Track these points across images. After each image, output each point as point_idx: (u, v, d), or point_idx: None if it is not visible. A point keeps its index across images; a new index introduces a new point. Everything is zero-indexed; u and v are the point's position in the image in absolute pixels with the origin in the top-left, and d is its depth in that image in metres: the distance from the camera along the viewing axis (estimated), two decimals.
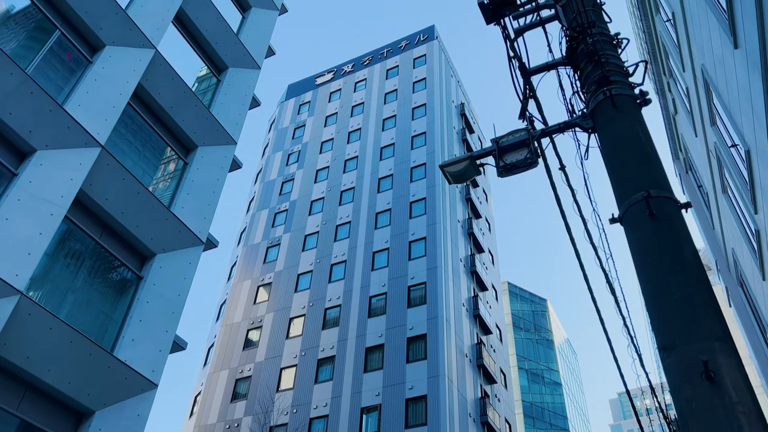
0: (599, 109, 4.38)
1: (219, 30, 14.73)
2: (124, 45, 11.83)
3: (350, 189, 38.93)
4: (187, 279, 11.49)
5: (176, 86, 12.66)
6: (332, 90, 48.61)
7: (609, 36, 4.85)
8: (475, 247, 37.92)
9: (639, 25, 18.18)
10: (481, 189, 44.41)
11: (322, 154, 43.19)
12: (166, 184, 12.64)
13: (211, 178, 13.12)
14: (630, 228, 3.68)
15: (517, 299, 62.50)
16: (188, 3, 14.01)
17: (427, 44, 46.45)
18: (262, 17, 17.00)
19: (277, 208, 41.21)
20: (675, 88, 16.60)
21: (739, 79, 8.35)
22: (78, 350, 8.94)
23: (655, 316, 3.17)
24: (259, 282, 37.02)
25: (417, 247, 32.86)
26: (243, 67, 15.45)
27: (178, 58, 13.55)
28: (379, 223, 35.53)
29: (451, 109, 43.34)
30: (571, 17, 4.93)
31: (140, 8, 12.42)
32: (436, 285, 30.26)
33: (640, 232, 3.57)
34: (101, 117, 10.59)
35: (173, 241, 11.51)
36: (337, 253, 35.30)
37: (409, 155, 38.36)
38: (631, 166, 3.92)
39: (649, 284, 3.30)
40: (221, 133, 13.64)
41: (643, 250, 3.48)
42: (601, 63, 4.49)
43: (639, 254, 3.50)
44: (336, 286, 33.60)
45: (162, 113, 12.67)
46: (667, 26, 14.50)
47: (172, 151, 12.88)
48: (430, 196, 34.82)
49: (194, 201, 12.40)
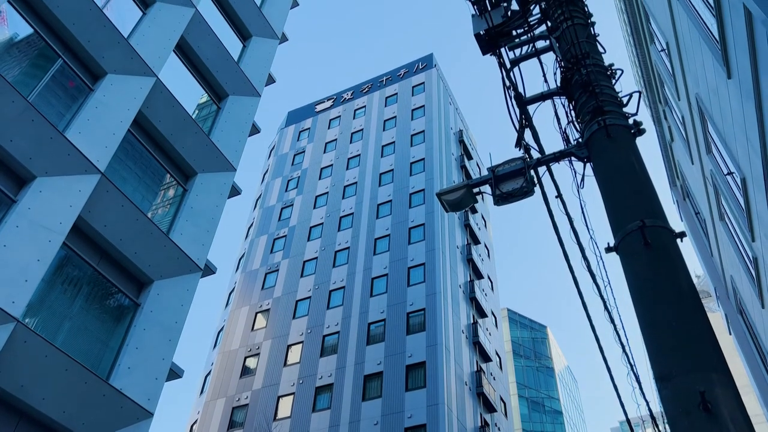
0: (594, 139, 4.42)
1: (220, 58, 14.91)
2: (126, 73, 11.97)
3: (349, 215, 38.98)
4: (185, 306, 11.43)
5: (176, 113, 12.77)
6: (332, 117, 48.99)
7: (603, 67, 4.92)
8: (474, 274, 37.82)
9: (634, 53, 18.44)
10: (480, 215, 44.47)
11: (322, 180, 43.35)
12: (165, 210, 12.66)
13: (210, 205, 13.15)
14: (625, 257, 3.69)
15: (517, 326, 62.11)
16: (190, 32, 14.21)
17: (426, 72, 46.99)
18: (263, 46, 17.23)
19: (276, 233, 41.19)
20: (671, 116, 16.77)
21: (733, 108, 8.45)
22: (73, 378, 8.86)
23: (652, 346, 3.16)
24: (257, 308, 36.80)
25: (416, 273, 32.77)
26: (243, 94, 15.60)
27: (179, 86, 13.70)
28: (378, 248, 35.48)
29: (449, 136, 43.65)
30: (565, 48, 5.01)
31: (142, 37, 12.60)
32: (436, 311, 30.10)
33: (635, 261, 3.58)
34: (101, 144, 10.66)
35: (171, 267, 11.48)
36: (336, 279, 35.18)
37: (408, 181, 38.51)
38: (626, 195, 3.95)
39: (645, 314, 3.30)
40: (221, 160, 13.71)
41: (639, 279, 3.48)
42: (596, 93, 4.55)
43: (635, 284, 3.50)
44: (334, 313, 33.41)
45: (162, 140, 12.75)
46: (662, 56, 14.71)
47: (172, 177, 12.93)
48: (429, 222, 34.85)
49: (193, 227, 12.41)
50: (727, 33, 7.72)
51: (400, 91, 46.93)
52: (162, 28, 13.20)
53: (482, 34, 5.38)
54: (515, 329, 61.50)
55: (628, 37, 18.64)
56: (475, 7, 5.54)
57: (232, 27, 16.51)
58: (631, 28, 17.45)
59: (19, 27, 10.56)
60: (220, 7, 16.17)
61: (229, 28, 16.36)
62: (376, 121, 45.37)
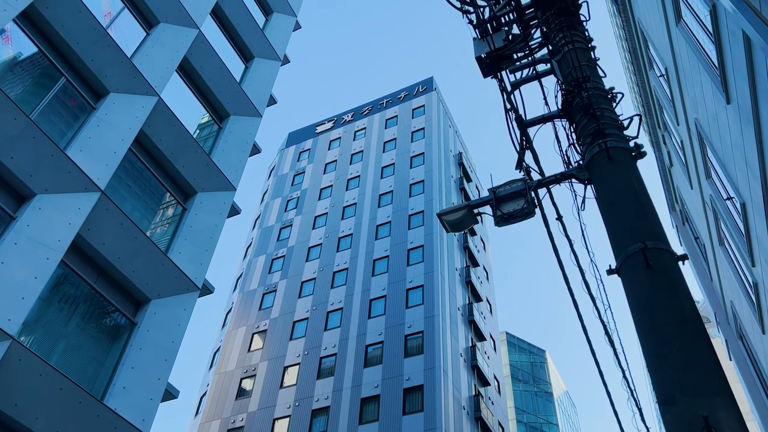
0: (595, 161, 4.44)
1: (222, 79, 15.03)
2: (128, 92, 12.05)
3: (348, 236, 38.96)
4: (182, 325, 11.36)
5: (178, 133, 12.84)
6: (332, 138, 49.25)
7: (604, 90, 4.96)
8: (473, 296, 37.69)
9: (633, 79, 18.61)
10: (479, 237, 44.46)
11: (321, 200, 43.41)
12: (164, 229, 12.66)
13: (210, 224, 13.15)
14: (627, 280, 3.68)
15: (516, 350, 61.70)
16: (192, 53, 14.35)
17: (426, 95, 47.39)
18: (265, 67, 17.39)
19: (275, 254, 41.12)
20: (670, 141, 16.87)
21: (733, 133, 8.51)
22: (67, 398, 8.76)
23: (654, 370, 3.14)
24: (254, 329, 36.57)
25: (414, 295, 32.64)
26: (244, 115, 15.70)
27: (181, 106, 13.79)
28: (376, 270, 35.39)
29: (449, 158, 43.87)
30: (566, 71, 5.06)
31: (145, 57, 12.71)
32: (434, 334, 29.92)
33: (637, 284, 3.57)
34: (102, 162, 10.69)
35: (169, 286, 11.44)
36: (334, 300, 35.02)
37: (408, 203, 38.57)
38: (627, 217, 3.95)
39: (647, 337, 3.28)
40: (221, 180, 13.74)
41: (641, 302, 3.47)
42: (596, 116, 4.58)
43: (636, 306, 3.49)
44: (332, 335, 33.20)
45: (163, 159, 12.79)
46: (661, 81, 14.85)
47: (172, 196, 12.95)
48: (428, 243, 34.83)
49: (191, 247, 12.39)
50: (726, 59, 7.81)
51: (400, 113, 47.26)
52: (165, 49, 13.33)
53: (483, 57, 5.43)
54: (514, 353, 61.08)
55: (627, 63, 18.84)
56: (477, 30, 5.60)
57: (235, 48, 16.68)
58: (630, 54, 17.65)
59: (23, 45, 10.67)
60: (224, 29, 16.36)
61: (232, 50, 16.52)
62: (376, 143, 45.61)
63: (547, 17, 5.47)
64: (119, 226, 10.64)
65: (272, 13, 18.94)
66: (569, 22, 5.31)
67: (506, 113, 5.29)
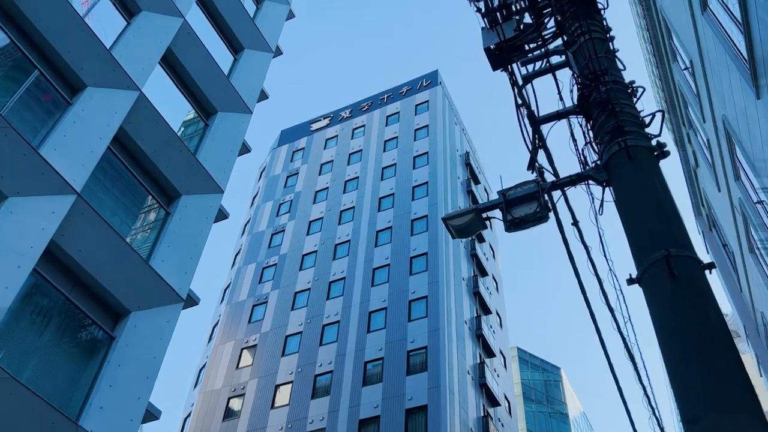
0: (614, 161, 4.45)
1: (209, 72, 15.07)
2: (107, 86, 12.08)
3: (345, 242, 38.96)
4: (164, 340, 11.36)
5: (160, 130, 12.86)
6: (328, 136, 49.32)
7: (623, 84, 4.98)
8: (482, 308, 37.67)
9: (655, 72, 18.66)
10: (488, 244, 44.45)
11: (316, 204, 43.45)
12: (145, 235, 12.67)
13: (195, 230, 13.16)
14: (649, 290, 3.69)
15: (528, 367, 61.59)
16: (177, 44, 14.39)
17: (430, 90, 47.48)
18: (256, 60, 17.43)
19: (266, 262, 41.11)
20: (695, 140, 16.89)
21: (763, 131, 8.52)
22: (39, 419, 8.75)
23: (678, 386, 3.14)
24: (242, 344, 36.53)
25: (417, 307, 32.62)
26: (233, 111, 15.73)
27: (164, 101, 13.82)
28: (376, 279, 35.38)
29: (455, 158, 43.92)
30: (582, 64, 5.08)
31: (125, 48, 12.75)
32: (439, 350, 29.88)
33: (660, 294, 3.57)
34: (78, 162, 10.71)
35: (150, 297, 11.44)
36: (330, 312, 35.00)
37: (410, 207, 38.59)
38: (649, 222, 3.96)
39: (671, 351, 3.28)
40: (207, 181, 13.76)
41: (664, 313, 3.48)
42: (615, 112, 4.60)
43: (659, 318, 3.50)
44: (328, 350, 33.16)
45: (144, 159, 12.82)
46: (685, 75, 14.89)
47: (154, 199, 12.97)
48: (432, 251, 34.83)
49: (175, 254, 12.40)
50: (755, 50, 7.83)
51: (402, 109, 47.35)
52: (147, 39, 13.37)
53: (493, 49, 5.46)
54: (526, 370, 60.97)
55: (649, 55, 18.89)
56: (485, 19, 5.63)
57: (223, 39, 16.73)
58: (652, 45, 17.69)
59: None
60: (211, 18, 16.41)
61: (220, 40, 16.57)
62: (376, 142, 45.67)
63: (562, 5, 5.50)
64: (97, 231, 10.66)
65: (263, 1, 19.01)
66: (586, 10, 5.33)
67: (517, 109, 5.31)
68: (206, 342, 39.80)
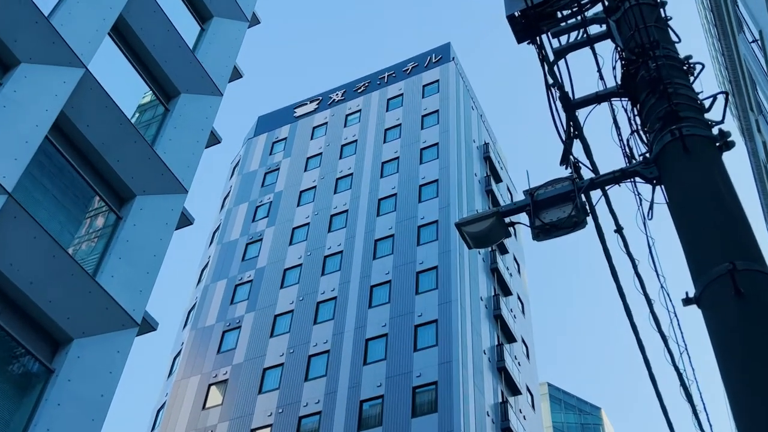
0: (666, 154, 4.45)
1: (170, 45, 15.08)
2: (45, 63, 12.09)
3: (337, 253, 38.94)
4: (114, 373, 11.33)
5: (111, 116, 12.86)
6: (316, 123, 49.37)
7: (678, 59, 4.98)
8: (504, 335, 37.62)
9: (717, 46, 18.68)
10: (512, 256, 44.45)
11: (301, 206, 43.45)
12: (91, 244, 12.64)
13: (153, 238, 13.15)
14: (710, 311, 3.68)
15: (561, 407, 61.51)
16: (130, 10, 14.41)
17: (441, 67, 47.53)
18: (227, 30, 17.45)
19: (239, 278, 41.10)
20: (766, 128, 16.90)
21: None
22: None
23: (745, 426, 3.13)
24: (210, 378, 36.48)
25: (425, 334, 32.58)
26: (200, 92, 15.74)
27: (115, 81, 13.82)
28: (375, 299, 35.35)
29: (471, 150, 43.95)
30: (628, 35, 5.08)
31: (68, 16, 12.77)
32: (451, 386, 29.83)
33: (723, 316, 3.57)
34: (10, 155, 10.70)
35: (97, 321, 11.42)
36: (318, 339, 34.96)
37: (416, 210, 38.59)
38: (710, 229, 3.95)
39: (736, 384, 3.27)
40: (168, 179, 13.76)
41: (728, 339, 3.47)
42: (668, 94, 4.60)
43: (722, 345, 3.49)
44: (314, 386, 33.10)
45: (90, 151, 12.81)
46: (754, 49, 14.90)
47: (102, 201, 12.96)
48: (444, 264, 34.81)
49: (128, 268, 12.38)
50: None
51: (406, 90, 47.39)
52: (94, 5, 13.39)
53: (518, 17, 5.46)
54: (559, 411, 60.88)
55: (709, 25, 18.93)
56: None
57: (187, 4, 16.76)
58: (713, 13, 17.72)
59: None
60: None
61: (183, 6, 16.60)
62: (375, 130, 45.71)
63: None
64: (31, 240, 10.64)
65: None
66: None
67: (548, 90, 5.31)
68: (165, 376, 39.75)
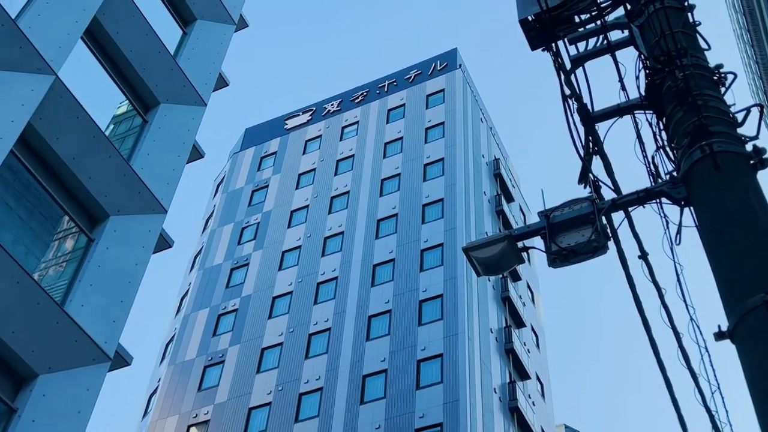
0: (695, 172, 4.46)
1: (149, 50, 15.13)
2: (11, 69, 12.12)
3: (331, 280, 38.85)
4: (83, 413, 11.27)
5: (83, 129, 12.88)
6: (309, 137, 49.45)
7: (707, 69, 5.01)
8: (517, 371, 37.46)
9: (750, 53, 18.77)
10: (525, 284, 44.36)
11: (292, 228, 43.41)
12: (59, 269, 12.61)
13: (127, 263, 13.12)
14: (745, 347, 3.67)
15: None
16: (105, 13, 14.46)
17: (447, 75, 47.70)
18: (212, 34, 17.52)
19: (223, 307, 40.97)
20: None
21: None
22: None
23: None
24: (190, 419, 36.28)
25: (429, 369, 32.44)
26: (181, 102, 15.77)
27: (88, 89, 13.85)
28: (373, 331, 35.22)
29: (480, 166, 44.00)
30: (652, 42, 5.11)
31: (36, 18, 12.81)
32: (458, 428, 29.66)
33: (759, 351, 3.56)
34: None
35: (65, 355, 11.37)
36: (309, 376, 34.80)
37: (419, 232, 38.56)
38: (745, 256, 3.95)
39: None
40: (145, 198, 13.76)
41: (765, 377, 3.45)
42: (697, 106, 4.61)
43: (758, 384, 3.47)
44: (306, 427, 32.92)
45: (60, 167, 12.81)
46: None
47: (72, 221, 12.95)
48: (450, 292, 34.72)
49: (100, 296, 12.34)
50: None
51: (408, 100, 47.51)
52: (65, 6, 13.45)
53: (531, 20, 5.48)
54: None
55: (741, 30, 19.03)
56: None
57: (168, 6, 16.84)
58: (746, 17, 17.83)
59: None
60: None
61: (164, 8, 16.68)
62: (374, 144, 45.77)
63: None
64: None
65: None
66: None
67: (564, 102, 5.33)
68: (140, 416, 39.52)
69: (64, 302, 11.94)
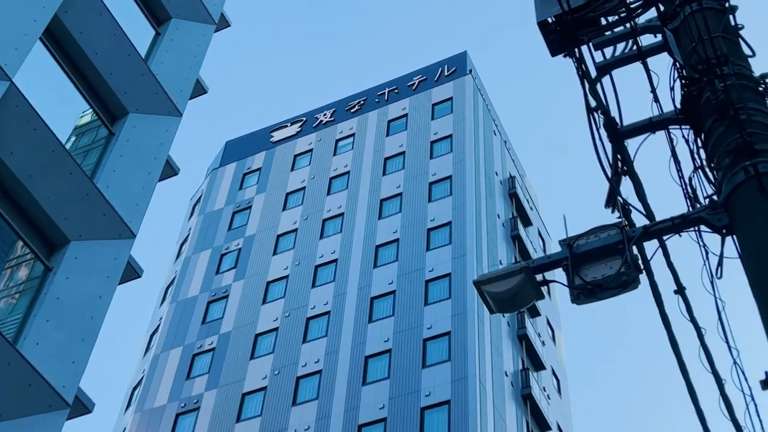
0: (738, 196, 4.46)
1: (116, 53, 15.17)
2: None
3: (323, 314, 38.76)
4: None
5: (40, 141, 12.89)
6: (298, 151, 49.49)
7: (752, 78, 5.02)
8: (535, 421, 37.31)
9: None
10: (545, 320, 44.25)
11: (278, 255, 43.34)
12: (11, 302, 12.58)
13: (90, 295, 13.09)
14: None
15: None
16: (68, 10, 14.51)
17: (455, 81, 47.78)
18: (189, 35, 17.57)
19: (198, 345, 40.83)
20: None
21: None
22: None
23: None
24: None
25: (435, 418, 32.32)
26: (153, 112, 15.79)
27: (47, 97, 13.88)
28: (371, 374, 35.11)
29: (493, 185, 44.00)
30: (689, 48, 5.13)
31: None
32: None
33: None
34: None
35: (17, 401, 11.34)
36: (298, 424, 34.64)
37: (423, 260, 38.50)
38: None
39: None
40: (111, 220, 13.75)
41: None
42: (740, 121, 4.63)
43: None
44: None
45: (14, 185, 12.82)
46: None
47: (27, 247, 12.94)
48: (459, 329, 34.63)
49: (58, 333, 12.31)
50: None
51: (412, 110, 47.58)
52: (23, 4, 13.50)
53: (552, 23, 5.51)
54: None
55: None
56: None
57: (140, 4, 16.91)
58: None
59: None
60: None
61: (135, 6, 16.74)
62: (372, 160, 45.79)
63: None
64: None
65: None
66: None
67: (589, 115, 5.33)
68: None
69: (17, 340, 11.90)
